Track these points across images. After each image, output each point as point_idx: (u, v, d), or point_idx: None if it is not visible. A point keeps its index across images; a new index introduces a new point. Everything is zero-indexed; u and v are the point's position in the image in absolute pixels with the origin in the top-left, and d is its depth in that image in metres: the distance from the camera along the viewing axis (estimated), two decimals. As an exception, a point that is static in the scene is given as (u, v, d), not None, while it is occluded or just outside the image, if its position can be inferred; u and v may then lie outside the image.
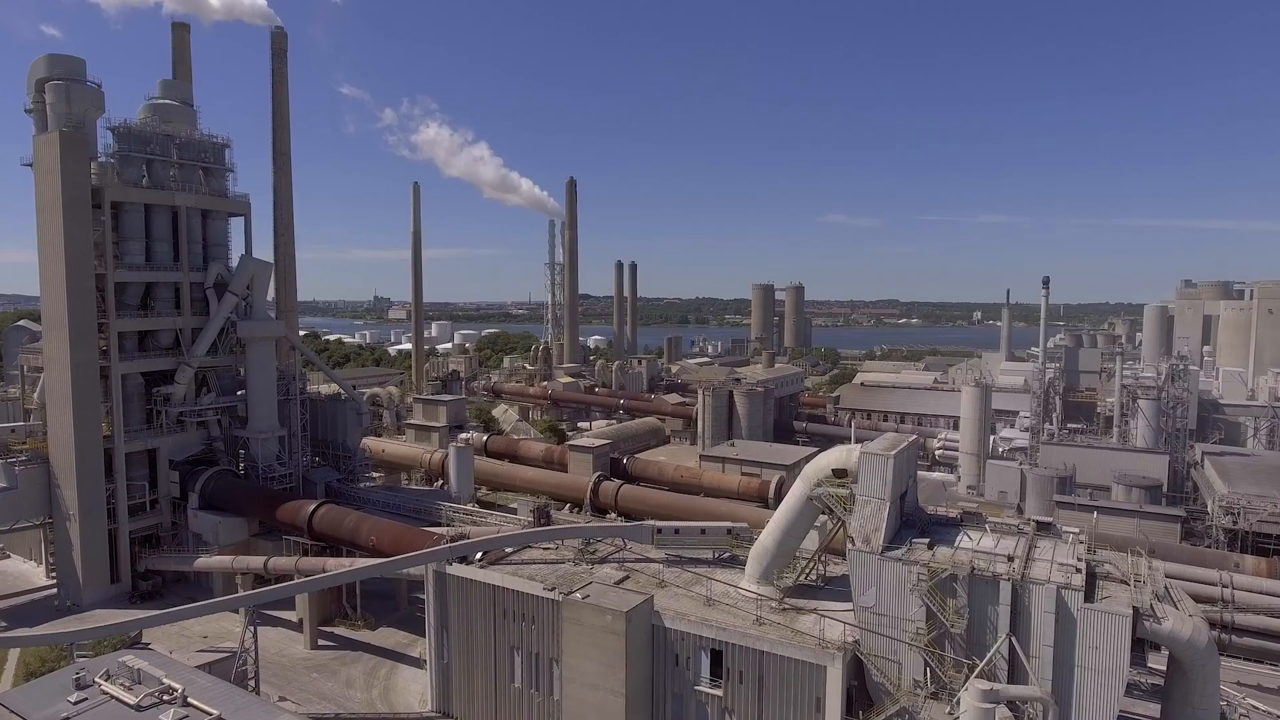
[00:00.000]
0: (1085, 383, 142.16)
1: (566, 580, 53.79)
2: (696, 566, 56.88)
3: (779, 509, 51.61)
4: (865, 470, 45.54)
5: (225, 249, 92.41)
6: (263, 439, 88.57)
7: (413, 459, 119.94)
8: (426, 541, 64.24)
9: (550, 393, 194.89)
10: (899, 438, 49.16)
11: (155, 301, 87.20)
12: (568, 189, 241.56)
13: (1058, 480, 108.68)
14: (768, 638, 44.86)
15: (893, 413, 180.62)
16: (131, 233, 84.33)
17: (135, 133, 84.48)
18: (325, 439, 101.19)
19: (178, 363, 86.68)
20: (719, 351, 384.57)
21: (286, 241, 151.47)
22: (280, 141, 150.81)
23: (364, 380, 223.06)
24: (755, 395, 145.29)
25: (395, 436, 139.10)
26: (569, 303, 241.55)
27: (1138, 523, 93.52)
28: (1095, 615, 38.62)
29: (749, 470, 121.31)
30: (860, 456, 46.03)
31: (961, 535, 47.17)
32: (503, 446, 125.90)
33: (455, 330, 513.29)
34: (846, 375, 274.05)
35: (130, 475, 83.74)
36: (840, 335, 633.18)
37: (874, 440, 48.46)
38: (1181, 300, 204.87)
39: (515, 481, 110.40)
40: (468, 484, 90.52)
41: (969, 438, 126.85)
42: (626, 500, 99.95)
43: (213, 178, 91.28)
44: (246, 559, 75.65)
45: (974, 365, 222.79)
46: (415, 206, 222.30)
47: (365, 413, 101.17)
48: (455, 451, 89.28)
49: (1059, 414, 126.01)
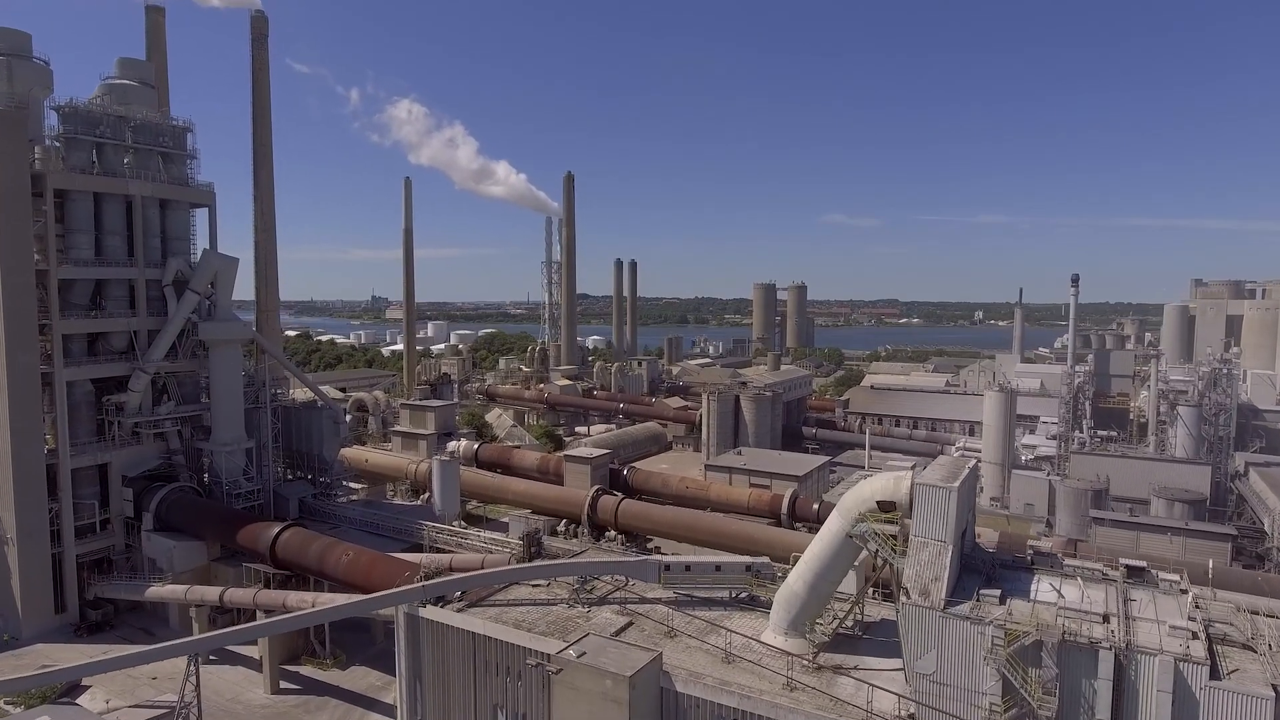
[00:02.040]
0: (1116, 387, 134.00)
1: (559, 627, 45.73)
2: (711, 608, 48.86)
3: (812, 548, 43.39)
4: (921, 505, 37.39)
5: (187, 243, 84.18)
6: (227, 452, 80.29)
7: (398, 470, 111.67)
8: (401, 574, 56.05)
9: (547, 396, 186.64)
10: (956, 463, 41.01)
11: (107, 301, 79.01)
12: (565, 184, 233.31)
13: (1092, 493, 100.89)
14: (803, 709, 36.71)
15: (905, 417, 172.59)
16: (79, 224, 76.10)
17: (83, 113, 76.17)
18: (300, 450, 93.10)
19: (132, 368, 78.38)
20: (720, 352, 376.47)
21: (268, 238, 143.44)
22: (261, 132, 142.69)
23: (355, 383, 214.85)
24: (763, 400, 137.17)
25: (381, 444, 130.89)
26: (566, 302, 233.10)
27: (1183, 542, 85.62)
28: (1227, 697, 30.52)
29: (758, 481, 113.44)
30: (914, 488, 37.90)
31: (1037, 583, 38.98)
32: (495, 455, 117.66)
33: (452, 330, 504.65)
34: (853, 377, 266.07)
35: (78, 493, 75.59)
36: (842, 335, 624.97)
37: (929, 467, 40.32)
38: (1203, 300, 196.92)
39: (507, 495, 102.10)
40: (453, 500, 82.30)
41: (992, 446, 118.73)
42: (627, 517, 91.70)
43: (173, 164, 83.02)
44: (201, 590, 67.39)
45: (986, 367, 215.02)
46: (407, 202, 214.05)
47: (343, 421, 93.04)
48: (439, 465, 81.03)
49: (1089, 420, 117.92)
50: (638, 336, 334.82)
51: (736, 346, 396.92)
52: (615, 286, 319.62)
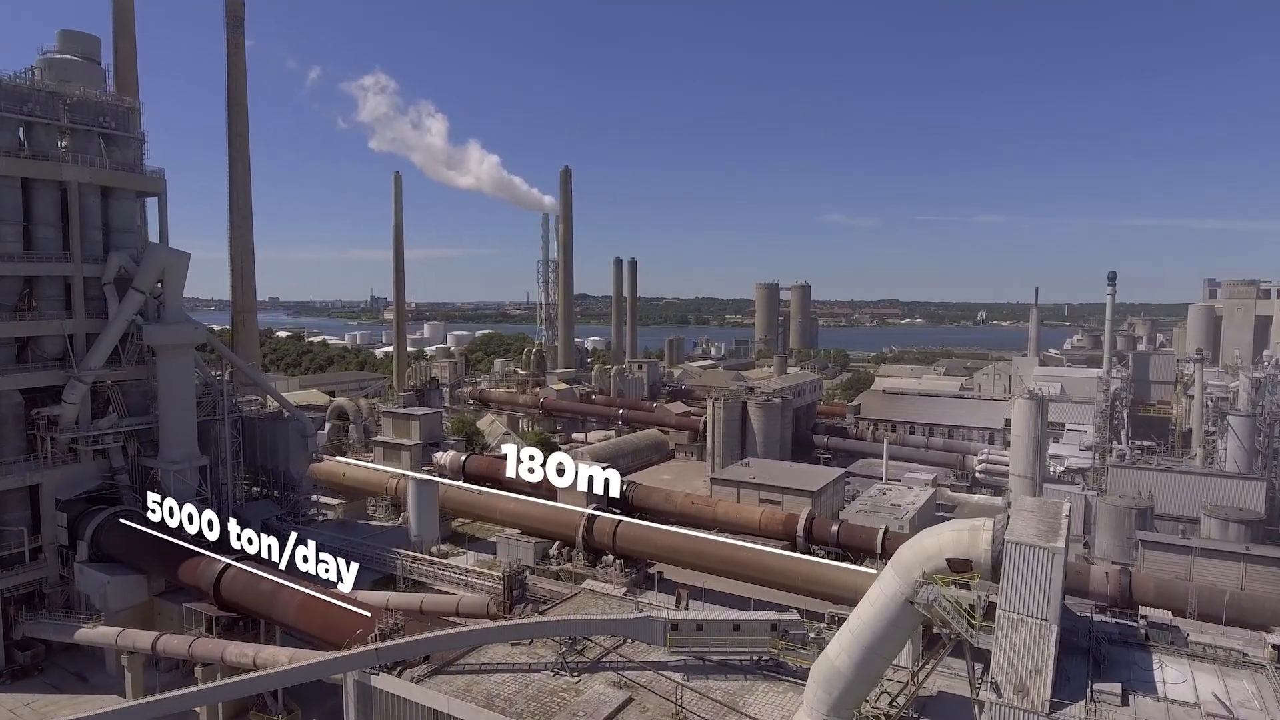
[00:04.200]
0: (1156, 394, 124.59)
1: (541, 705, 36.88)
2: (729, 676, 39.98)
3: (860, 614, 34.25)
4: (1013, 571, 28.38)
5: (134, 236, 75.08)
6: (176, 471, 71.22)
7: (377, 484, 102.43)
8: (357, 629, 47.00)
9: (542, 401, 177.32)
10: (1049, 510, 31.97)
11: (38, 301, 69.87)
12: (562, 179, 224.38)
13: (1136, 512, 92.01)
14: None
15: (920, 423, 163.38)
16: (5, 214, 66.95)
17: (8, 88, 67.04)
18: (265, 466, 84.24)
19: (67, 377, 69.25)
20: (722, 353, 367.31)
21: (244, 234, 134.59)
22: (237, 121, 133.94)
23: (345, 386, 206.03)
24: (772, 407, 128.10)
25: (362, 455, 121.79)
26: (564, 302, 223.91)
27: (1242, 568, 76.63)
28: None
29: (768, 496, 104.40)
30: (1006, 547, 28.85)
31: (1161, 668, 29.96)
32: (483, 468, 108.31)
33: (448, 331, 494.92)
34: (860, 380, 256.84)
35: (4, 519, 66.52)
36: (844, 335, 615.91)
37: (1015, 515, 31.30)
38: (1229, 300, 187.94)
39: (495, 513, 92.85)
40: (431, 525, 73.55)
41: (1021, 457, 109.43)
42: (626, 540, 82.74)
43: (117, 148, 73.90)
44: (134, 634, 58.39)
45: (1002, 370, 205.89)
46: (397, 198, 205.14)
47: (312, 435, 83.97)
48: (415, 487, 72.18)
49: (1127, 430, 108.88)
50: (638, 337, 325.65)
51: (739, 348, 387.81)
52: (614, 285, 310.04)
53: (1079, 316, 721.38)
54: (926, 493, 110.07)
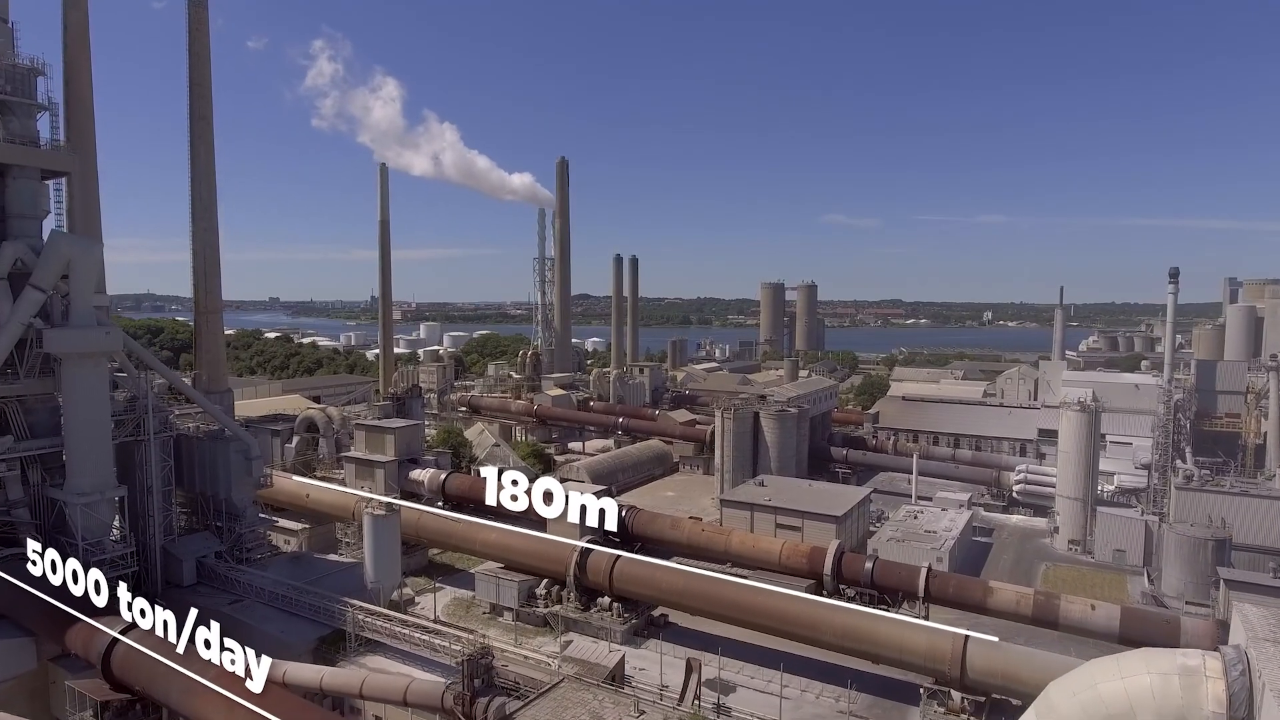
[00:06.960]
0: (1224, 405, 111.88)
1: None
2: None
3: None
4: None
5: (36, 223, 63.02)
6: (84, 504, 59.21)
7: (343, 508, 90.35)
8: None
9: (536, 409, 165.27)
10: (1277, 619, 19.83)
11: (-87, 300, 58.07)
12: (558, 171, 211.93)
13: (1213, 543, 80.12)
14: None
15: (944, 434, 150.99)
16: None
17: None
18: (204, 493, 72.29)
19: (-51, 393, 57.46)
20: (727, 355, 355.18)
21: (207, 227, 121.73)
22: (199, 103, 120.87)
23: (330, 390, 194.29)
24: (787, 419, 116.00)
25: (333, 471, 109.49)
26: (560, 301, 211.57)
27: (1349, 613, 63.53)
28: None
29: (786, 521, 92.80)
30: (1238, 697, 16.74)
31: None
32: (465, 488, 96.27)
33: (446, 332, 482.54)
34: (873, 384, 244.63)
35: None
36: (849, 336, 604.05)
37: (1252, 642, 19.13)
38: (1272, 300, 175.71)
39: (474, 544, 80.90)
40: (392, 568, 61.53)
41: (1070, 477, 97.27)
42: (625, 580, 70.72)
43: (11, 117, 61.85)
44: None
45: (1026, 374, 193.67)
46: (383, 192, 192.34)
47: (257, 456, 71.98)
48: (371, 522, 60.12)
49: (1190, 447, 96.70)
50: (639, 338, 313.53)
51: (744, 349, 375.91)
52: (615, 285, 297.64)
53: (1084, 317, 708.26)
54: (963, 515, 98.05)
